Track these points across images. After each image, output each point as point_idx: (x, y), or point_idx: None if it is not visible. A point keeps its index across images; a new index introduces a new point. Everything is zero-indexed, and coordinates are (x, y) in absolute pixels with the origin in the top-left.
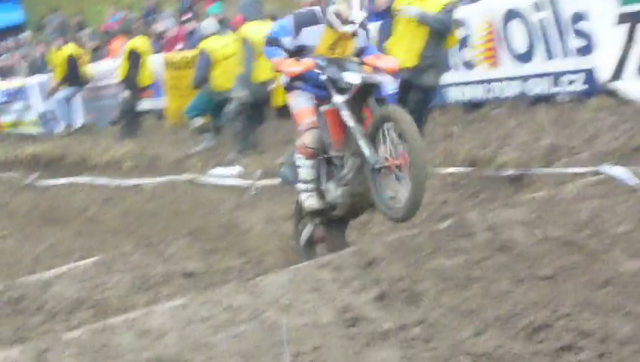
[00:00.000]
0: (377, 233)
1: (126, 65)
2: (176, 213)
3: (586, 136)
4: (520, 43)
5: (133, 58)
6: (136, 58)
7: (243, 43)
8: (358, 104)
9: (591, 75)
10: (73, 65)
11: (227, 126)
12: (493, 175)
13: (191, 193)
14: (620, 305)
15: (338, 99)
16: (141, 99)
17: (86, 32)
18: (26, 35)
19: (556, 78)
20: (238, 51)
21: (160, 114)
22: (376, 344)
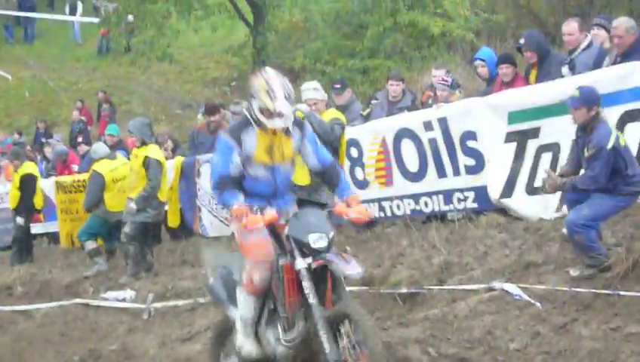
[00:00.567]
0: None
1: (17, 192)
2: (69, 339)
3: (478, 253)
4: (411, 162)
5: (29, 183)
6: (32, 182)
7: (149, 163)
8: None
9: (481, 193)
10: None
11: (122, 249)
12: (387, 293)
13: (83, 317)
14: None
15: (301, 265)
16: (32, 223)
17: None
18: None
19: (447, 196)
20: (139, 171)
21: (51, 238)
22: None
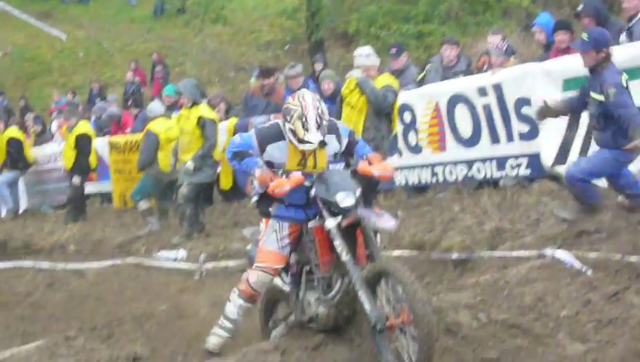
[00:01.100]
0: None
1: (72, 152)
2: (121, 297)
3: (530, 220)
4: (465, 127)
5: (83, 143)
6: (87, 142)
7: (204, 122)
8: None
9: (534, 160)
10: (15, 149)
11: (177, 209)
12: (438, 258)
13: (135, 277)
14: None
15: (331, 224)
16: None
17: (30, 115)
18: None
19: (500, 163)
20: (193, 132)
21: (105, 197)
22: None
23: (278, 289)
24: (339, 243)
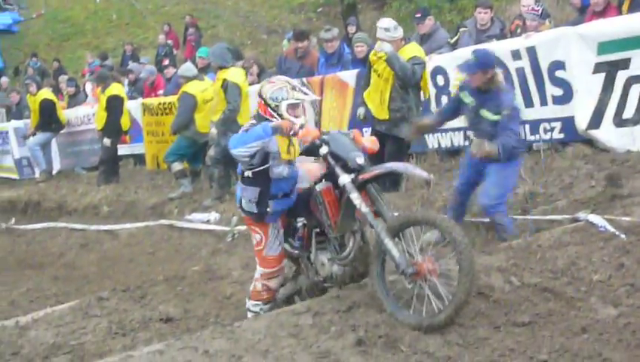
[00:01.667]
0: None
1: (104, 113)
2: (153, 259)
3: (564, 184)
4: None
5: (116, 104)
6: (119, 104)
7: (227, 85)
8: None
9: (568, 124)
10: (48, 111)
11: (207, 171)
12: (470, 222)
13: (168, 239)
14: (597, 353)
15: (346, 180)
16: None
17: (64, 77)
18: (2, 80)
19: (534, 126)
20: (219, 94)
21: (137, 159)
22: None
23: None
24: (356, 196)
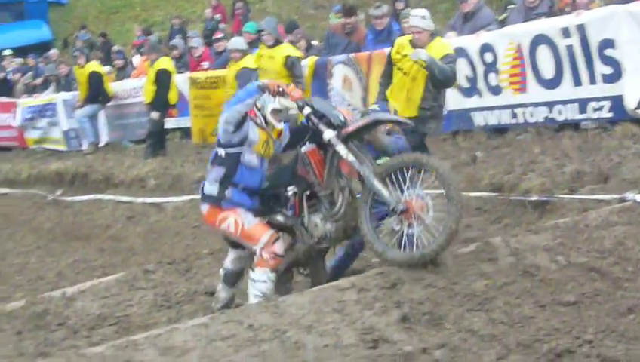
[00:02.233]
0: None
1: (153, 87)
2: (199, 232)
3: (612, 163)
4: (547, 69)
5: (164, 78)
6: (167, 78)
7: (292, 61)
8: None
9: (617, 103)
10: (96, 83)
11: None
12: (516, 200)
13: None
14: None
15: (330, 134)
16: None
17: (112, 50)
18: (52, 52)
19: (582, 105)
20: (279, 72)
21: (184, 133)
22: None
23: (277, 221)
24: (342, 148)
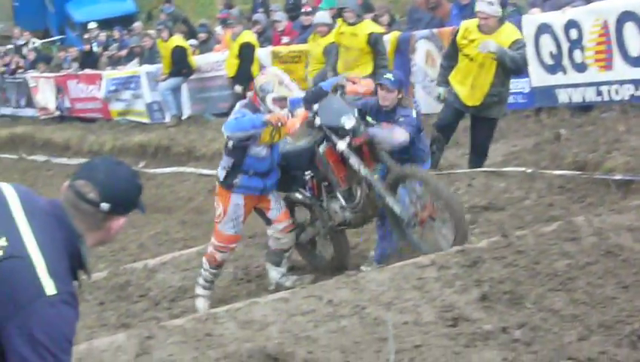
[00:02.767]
0: (481, 233)
1: (236, 60)
2: None
3: None
4: (634, 46)
5: (247, 51)
6: (250, 51)
7: (375, 38)
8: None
9: None
10: (180, 57)
11: None
12: (600, 179)
13: None
14: None
15: (342, 146)
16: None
17: (195, 23)
18: (136, 25)
19: None
20: (362, 48)
21: None
22: (477, 345)
23: (295, 198)
24: (354, 161)
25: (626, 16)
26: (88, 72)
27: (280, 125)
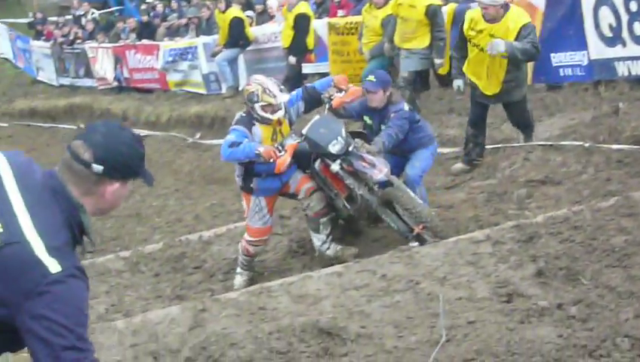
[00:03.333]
0: (537, 208)
1: (291, 31)
2: None
3: None
4: None
5: (303, 22)
6: (306, 22)
7: (434, 11)
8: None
9: None
10: (238, 28)
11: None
12: None
13: None
14: None
15: (336, 168)
16: (304, 63)
17: None
18: None
19: None
20: (420, 20)
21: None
22: (532, 321)
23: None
24: (350, 182)
25: None
26: (146, 42)
27: (272, 161)
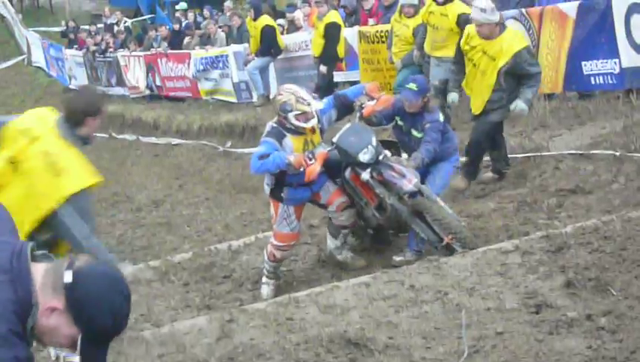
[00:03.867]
0: (568, 217)
1: (322, 40)
2: None
3: None
4: None
5: (333, 31)
6: (337, 31)
7: (465, 20)
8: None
9: None
10: (269, 37)
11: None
12: None
13: None
14: None
15: (366, 176)
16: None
17: (282, 3)
18: (226, 4)
19: None
20: (452, 28)
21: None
22: (561, 332)
23: None
24: (381, 191)
25: None
26: (177, 51)
27: (302, 169)
